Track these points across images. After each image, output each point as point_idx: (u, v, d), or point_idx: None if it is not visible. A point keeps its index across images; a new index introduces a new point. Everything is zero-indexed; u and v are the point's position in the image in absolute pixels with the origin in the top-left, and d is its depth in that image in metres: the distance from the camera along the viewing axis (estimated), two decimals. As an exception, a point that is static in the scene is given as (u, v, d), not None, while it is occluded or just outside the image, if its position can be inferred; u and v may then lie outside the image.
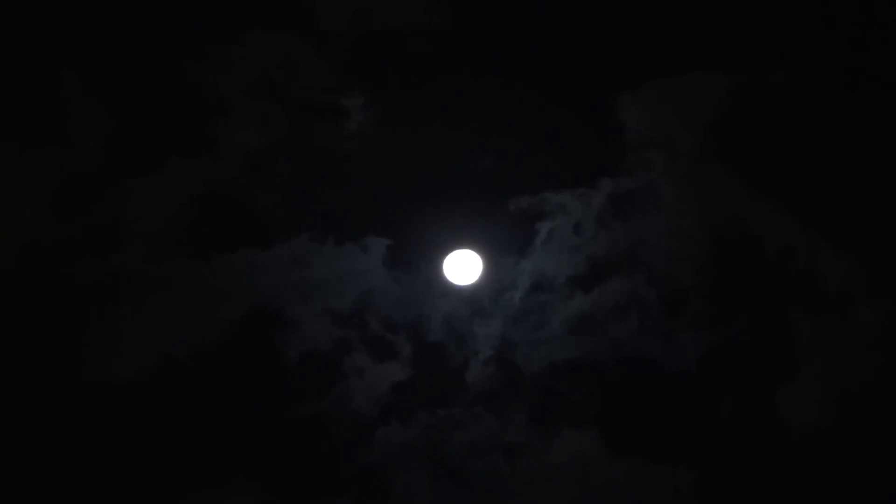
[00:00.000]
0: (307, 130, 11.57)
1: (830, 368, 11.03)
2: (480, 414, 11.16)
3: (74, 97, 11.19)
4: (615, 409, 11.12)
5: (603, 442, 10.97)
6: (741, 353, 11.12)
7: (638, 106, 11.42)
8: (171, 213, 11.28)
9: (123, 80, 11.29)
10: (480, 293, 11.54)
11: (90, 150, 11.18)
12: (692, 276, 11.27)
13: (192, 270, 11.15)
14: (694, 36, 11.44)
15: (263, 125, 11.47)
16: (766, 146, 11.41)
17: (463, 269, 11.54)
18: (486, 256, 11.54)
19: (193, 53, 11.41)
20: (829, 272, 11.19)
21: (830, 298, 11.08)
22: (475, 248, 11.55)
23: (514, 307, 11.38)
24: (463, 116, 11.55)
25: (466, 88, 11.58)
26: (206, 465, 10.77)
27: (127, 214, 11.16)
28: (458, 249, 11.53)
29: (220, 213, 11.36)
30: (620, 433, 10.98)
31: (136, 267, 11.05)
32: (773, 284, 11.27)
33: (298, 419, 10.98)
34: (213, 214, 11.34)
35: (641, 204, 11.44)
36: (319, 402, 11.06)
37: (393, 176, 11.52)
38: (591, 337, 11.26)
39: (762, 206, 11.33)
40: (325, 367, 11.16)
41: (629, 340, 11.25)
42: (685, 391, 11.08)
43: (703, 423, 10.95)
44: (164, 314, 10.99)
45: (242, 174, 11.40)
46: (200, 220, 11.31)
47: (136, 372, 10.78)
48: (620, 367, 11.21)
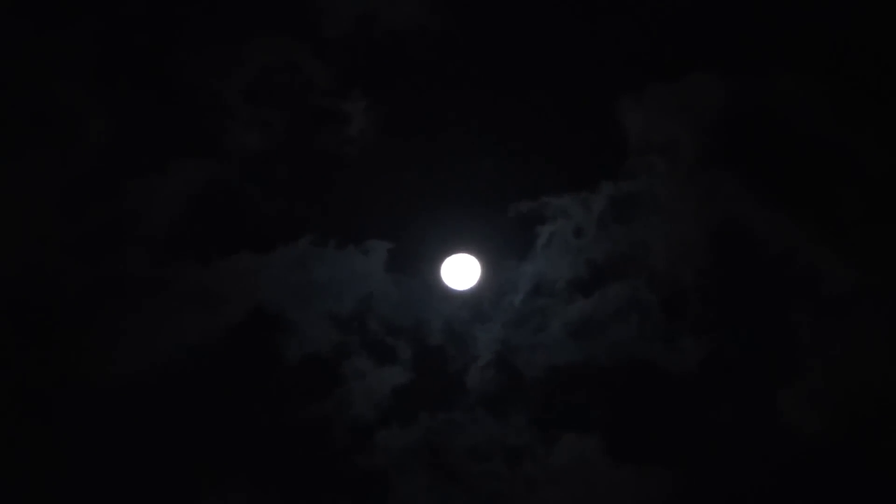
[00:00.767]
0: (309, 134, 11.56)
1: (832, 371, 10.93)
2: (481, 417, 11.11)
3: (77, 99, 11.17)
4: (616, 412, 11.07)
5: (604, 446, 10.91)
6: (742, 356, 11.09)
7: (639, 109, 11.40)
8: (172, 216, 11.24)
9: (126, 82, 11.29)
10: (481, 297, 11.47)
11: (92, 152, 11.16)
12: (693, 279, 11.25)
13: (192, 273, 11.16)
14: (695, 39, 11.45)
15: (265, 129, 11.48)
16: (766, 150, 11.38)
17: (463, 272, 11.42)
18: (486, 260, 11.44)
19: (196, 56, 11.40)
20: (829, 275, 11.11)
21: (831, 301, 11.03)
22: (476, 251, 11.42)
23: (514, 311, 11.34)
24: (465, 121, 11.54)
25: (468, 93, 11.58)
26: (206, 467, 10.70)
27: (128, 217, 11.15)
28: (459, 253, 11.42)
29: (221, 216, 11.37)
30: (622, 437, 10.93)
31: (136, 269, 11.03)
32: (773, 287, 11.22)
33: (298, 423, 10.92)
34: (214, 217, 11.36)
35: (642, 207, 11.41)
36: (319, 405, 11.00)
37: (394, 180, 11.49)
38: (591, 340, 11.21)
39: (763, 209, 11.29)
40: (325, 370, 11.14)
41: (630, 344, 11.18)
42: (686, 395, 11.04)
43: (704, 426, 10.91)
44: (164, 317, 10.97)
45: (244, 177, 11.40)
46: (201, 223, 11.32)
47: (136, 374, 10.74)
48: (621, 370, 11.16)
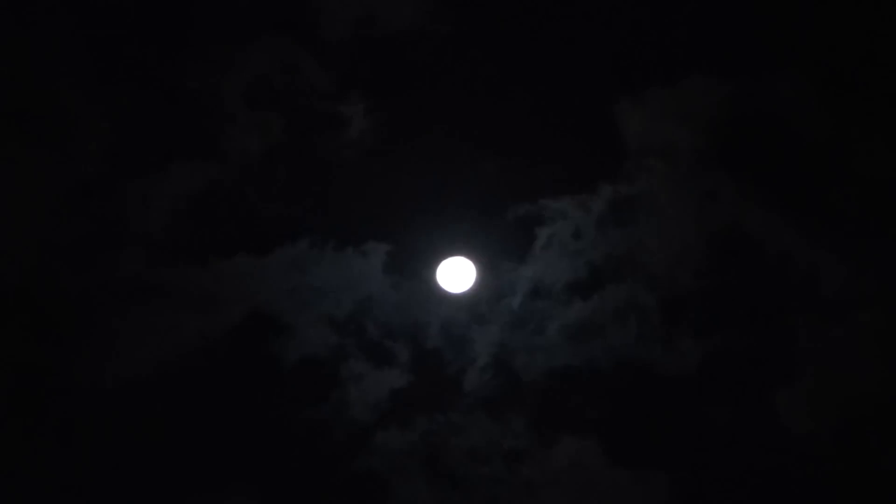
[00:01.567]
0: (308, 137, 11.45)
1: (830, 374, 10.83)
2: (479, 420, 11.02)
3: (74, 101, 11.00)
4: (614, 415, 11.02)
5: (603, 448, 10.86)
6: (741, 358, 11.01)
7: (637, 112, 11.30)
8: (170, 218, 11.13)
9: (125, 84, 11.19)
10: (479, 299, 11.28)
11: (89, 154, 11.03)
12: (691, 281, 11.17)
13: (190, 275, 11.07)
14: (692, 42, 11.30)
15: (264, 131, 11.34)
16: (765, 152, 11.28)
17: (461, 275, 11.37)
18: (484, 262, 11.32)
19: (195, 59, 11.26)
20: (828, 277, 10.97)
21: (830, 304, 10.98)
22: (474, 254, 11.31)
23: (512, 313, 11.24)
24: (464, 124, 11.46)
25: (466, 96, 11.48)
26: (203, 469, 10.61)
27: (125, 219, 11.10)
28: (458, 255, 11.31)
29: (219, 218, 11.33)
30: (620, 439, 10.89)
31: (133, 271, 10.97)
32: (772, 290, 11.12)
33: (296, 425, 10.89)
34: (211, 219, 11.32)
35: (641, 210, 11.29)
36: (317, 407, 10.96)
37: (394, 182, 11.39)
38: (589, 343, 11.10)
39: (761, 212, 11.17)
40: (322, 372, 11.07)
41: (628, 346, 11.07)
42: (684, 397, 10.98)
43: (702, 429, 10.86)
44: (161, 319, 10.91)
45: (242, 179, 11.28)
46: (199, 225, 11.26)
47: (133, 377, 10.69)
48: (619, 373, 11.05)
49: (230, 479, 10.57)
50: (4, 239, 10.75)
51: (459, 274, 11.24)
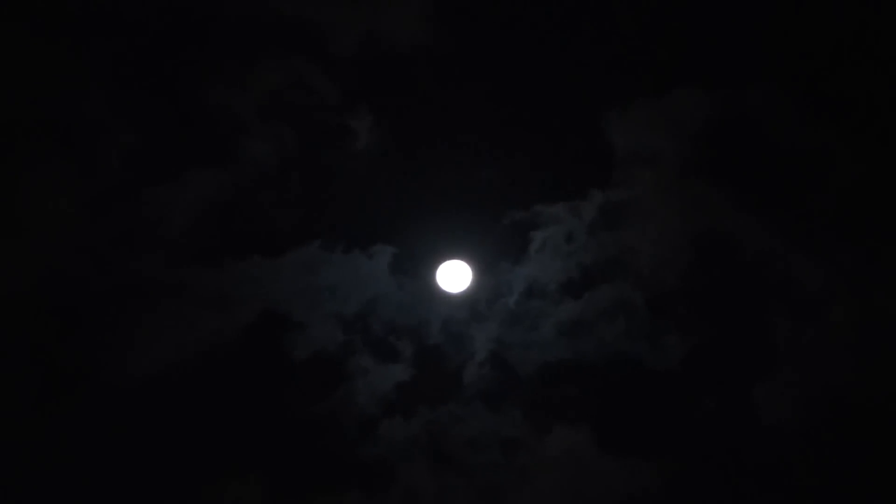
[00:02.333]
0: (318, 148, 11.81)
1: (806, 368, 11.21)
2: (477, 410, 11.32)
3: (100, 113, 11.40)
4: (604, 406, 11.29)
5: (593, 437, 11.16)
6: (722, 353, 11.31)
7: (625, 123, 11.67)
8: (187, 222, 11.48)
9: (148, 98, 11.53)
10: (477, 299, 11.68)
11: (113, 162, 11.40)
12: (676, 281, 11.48)
13: (207, 276, 11.39)
14: (676, 56, 11.68)
15: (277, 142, 11.72)
16: (745, 160, 11.67)
17: (461, 276, 11.68)
18: (482, 264, 11.66)
19: (213, 74, 11.64)
20: (804, 277, 11.37)
21: (806, 302, 11.30)
22: (473, 256, 11.66)
23: (508, 311, 11.56)
24: (463, 134, 11.75)
25: (466, 108, 11.78)
26: (219, 458, 10.96)
27: (147, 223, 11.40)
28: (458, 258, 11.67)
29: (234, 222, 11.60)
30: (609, 429, 11.16)
31: (153, 273, 11.29)
32: (751, 289, 11.43)
33: (307, 416, 11.17)
34: (227, 224, 11.58)
35: (629, 215, 11.63)
36: (327, 400, 11.24)
37: (398, 189, 11.68)
38: (581, 339, 11.43)
39: (742, 216, 11.53)
40: (331, 367, 11.39)
41: (617, 342, 11.41)
42: (669, 390, 11.28)
43: (686, 419, 11.14)
44: (180, 317, 11.21)
45: (257, 187, 11.63)
46: (215, 229, 11.54)
47: (153, 371, 11.01)
48: (609, 367, 11.37)
49: (245, 465, 10.90)
50: (33, 241, 11.04)
51: (459, 275, 11.53)
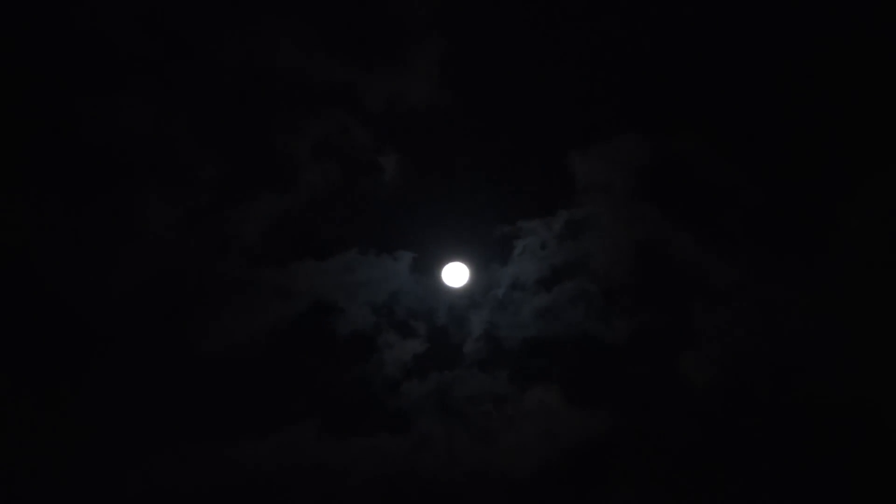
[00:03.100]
0: (355, 178, 12.51)
1: (719, 342, 12.10)
2: (475, 374, 12.18)
3: (196, 151, 12.24)
4: (569, 371, 12.17)
5: (560, 394, 12.04)
6: (656, 331, 12.25)
7: (585, 160, 12.47)
8: (259, 234, 12.37)
9: (228, 139, 12.32)
10: (473, 291, 12.37)
11: (205, 188, 12.28)
12: (623, 277, 12.38)
13: (273, 274, 12.28)
14: (623, 111, 12.50)
15: (325, 174, 12.39)
16: (674, 188, 12.46)
17: (461, 274, 12.42)
18: (478, 265, 12.36)
19: (279, 122, 12.39)
20: (718, 274, 12.23)
21: (719, 292, 12.20)
22: (470, 259, 12.34)
23: (497, 301, 12.27)
24: (463, 168, 12.50)
25: (465, 149, 12.53)
26: (283, 408, 11.98)
27: (229, 234, 12.30)
28: (459, 261, 12.38)
29: (293, 234, 12.42)
30: (572, 388, 12.06)
31: (235, 271, 12.30)
32: (679, 283, 12.33)
33: (348, 378, 12.11)
34: (288, 235, 12.40)
35: (587, 228, 12.36)
36: (362, 366, 12.11)
37: (415, 210, 12.35)
38: (551, 321, 12.19)
39: (673, 229, 12.33)
40: (365, 342, 12.21)
41: (578, 323, 12.15)
42: (617, 359, 12.20)
43: (629, 380, 12.16)
44: (253, 305, 12.20)
45: (310, 208, 12.40)
46: (280, 239, 12.39)
47: (234, 344, 12.04)
48: (572, 342, 12.20)
49: (302, 414, 11.97)
50: (147, 247, 12.13)
51: (460, 273, 12.43)
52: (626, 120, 12.42)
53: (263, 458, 11.62)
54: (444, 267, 12.36)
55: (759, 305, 12.10)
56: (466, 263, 12.37)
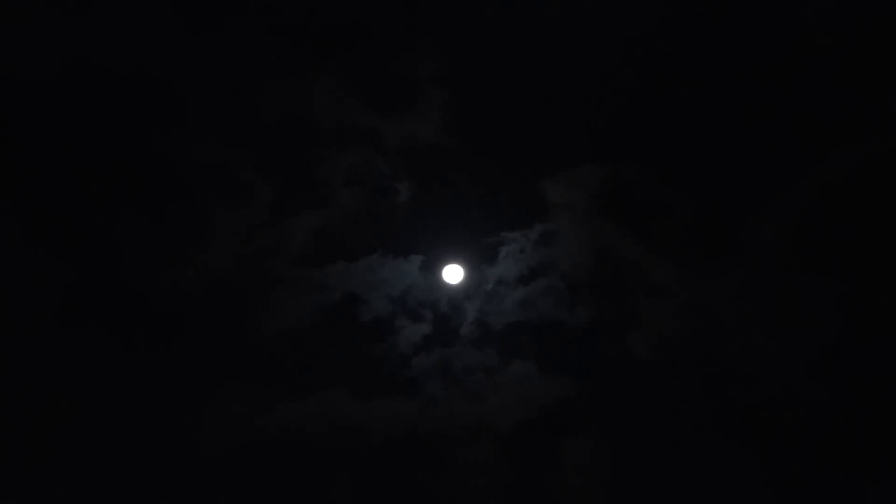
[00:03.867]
0: (377, 200, 14.41)
1: (660, 325, 13.91)
2: (470, 351, 13.94)
3: (253, 178, 14.12)
4: (543, 347, 13.89)
5: (536, 365, 13.82)
6: (610, 317, 14.12)
7: (555, 185, 14.13)
8: (302, 241, 14.20)
9: (279, 167, 14.22)
10: (467, 286, 14.13)
11: (258, 205, 14.19)
12: (584, 276, 14.26)
13: (312, 273, 14.12)
14: (584, 146, 14.09)
15: (353, 196, 14.33)
16: (624, 206, 14.13)
17: (458, 273, 14.11)
18: (471, 266, 14.04)
19: (318, 157, 14.41)
20: (660, 272, 14.02)
21: (661, 286, 14.00)
22: (465, 262, 13.97)
23: (486, 294, 14.05)
24: (461, 192, 14.25)
25: (463, 177, 14.25)
26: (321, 376, 13.87)
27: (278, 242, 14.15)
28: (456, 263, 14.00)
29: (329, 242, 14.30)
30: (546, 361, 13.82)
31: (282, 271, 14.22)
32: (628, 279, 14.17)
33: (371, 353, 13.98)
34: (325, 242, 14.25)
35: (556, 238, 14.06)
36: (382, 344, 13.94)
37: (424, 224, 14.13)
38: (529, 310, 13.95)
39: (622, 238, 14.03)
40: (384, 326, 14.07)
41: (550, 311, 13.89)
42: (579, 338, 14.02)
43: (589, 354, 13.98)
44: (296, 297, 14.01)
45: (342, 222, 14.28)
46: (318, 245, 14.28)
47: (280, 328, 13.94)
48: (546, 325, 13.95)
49: (336, 380, 13.89)
50: (215, 253, 14.08)
51: (457, 273, 14.25)
52: (584, 154, 14.15)
53: (305, 414, 13.61)
54: (444, 267, 14.22)
55: (689, 297, 13.89)
56: (462, 265, 14.11)
